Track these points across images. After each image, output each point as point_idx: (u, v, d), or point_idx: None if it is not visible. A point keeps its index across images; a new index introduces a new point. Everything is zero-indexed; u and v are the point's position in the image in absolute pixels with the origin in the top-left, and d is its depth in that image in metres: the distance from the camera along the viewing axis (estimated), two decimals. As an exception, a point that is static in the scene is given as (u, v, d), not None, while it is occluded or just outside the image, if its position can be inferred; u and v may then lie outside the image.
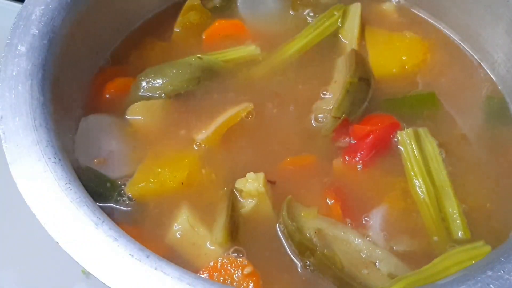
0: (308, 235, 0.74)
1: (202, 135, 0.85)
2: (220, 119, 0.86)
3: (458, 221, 0.77)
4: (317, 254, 0.71)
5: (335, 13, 1.02)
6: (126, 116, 0.88)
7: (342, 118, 0.85)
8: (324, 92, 0.92)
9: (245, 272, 0.71)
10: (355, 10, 1.02)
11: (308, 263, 0.72)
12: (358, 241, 0.73)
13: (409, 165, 0.83)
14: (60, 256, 0.58)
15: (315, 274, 0.72)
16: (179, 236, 0.75)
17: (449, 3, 1.01)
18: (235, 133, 0.86)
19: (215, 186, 0.80)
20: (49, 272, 0.87)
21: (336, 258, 0.71)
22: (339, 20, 1.01)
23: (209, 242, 0.74)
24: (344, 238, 0.74)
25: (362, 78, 0.90)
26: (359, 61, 0.93)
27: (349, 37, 1.00)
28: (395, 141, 0.86)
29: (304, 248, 0.73)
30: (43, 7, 0.77)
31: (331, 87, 0.92)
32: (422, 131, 0.86)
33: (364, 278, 0.71)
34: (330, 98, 0.90)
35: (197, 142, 0.84)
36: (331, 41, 1.00)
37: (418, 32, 1.02)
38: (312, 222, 0.75)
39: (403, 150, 0.84)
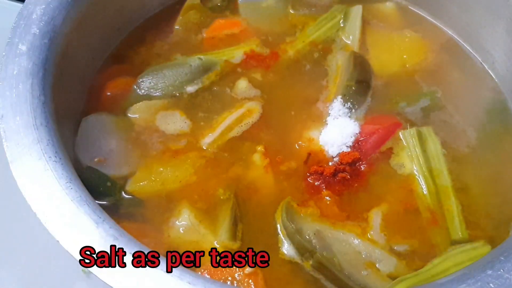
0: (307, 236, 0.73)
1: (208, 139, 0.85)
2: (227, 122, 0.86)
3: (457, 221, 0.77)
4: (316, 255, 0.71)
5: (336, 14, 1.02)
6: (128, 115, 0.88)
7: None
8: (324, 94, 0.92)
9: (246, 272, 0.71)
10: (356, 11, 1.03)
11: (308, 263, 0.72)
12: (357, 241, 0.73)
13: (411, 164, 0.83)
14: (61, 255, 0.58)
15: (315, 274, 0.72)
16: (180, 235, 0.75)
17: (449, 2, 1.01)
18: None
19: (217, 187, 0.80)
20: (49, 271, 0.87)
21: (335, 260, 0.71)
22: (340, 21, 1.02)
23: (216, 242, 0.74)
24: (343, 238, 0.74)
25: (360, 80, 0.91)
26: (357, 63, 0.93)
27: (350, 39, 1.00)
28: (397, 140, 0.86)
29: (303, 250, 0.73)
30: (43, 6, 0.77)
31: (331, 89, 0.92)
32: (426, 130, 0.86)
33: (363, 279, 0.71)
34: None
35: (203, 146, 0.84)
36: (332, 42, 1.00)
37: (419, 31, 1.02)
38: (311, 223, 0.75)
39: (405, 149, 0.84)
